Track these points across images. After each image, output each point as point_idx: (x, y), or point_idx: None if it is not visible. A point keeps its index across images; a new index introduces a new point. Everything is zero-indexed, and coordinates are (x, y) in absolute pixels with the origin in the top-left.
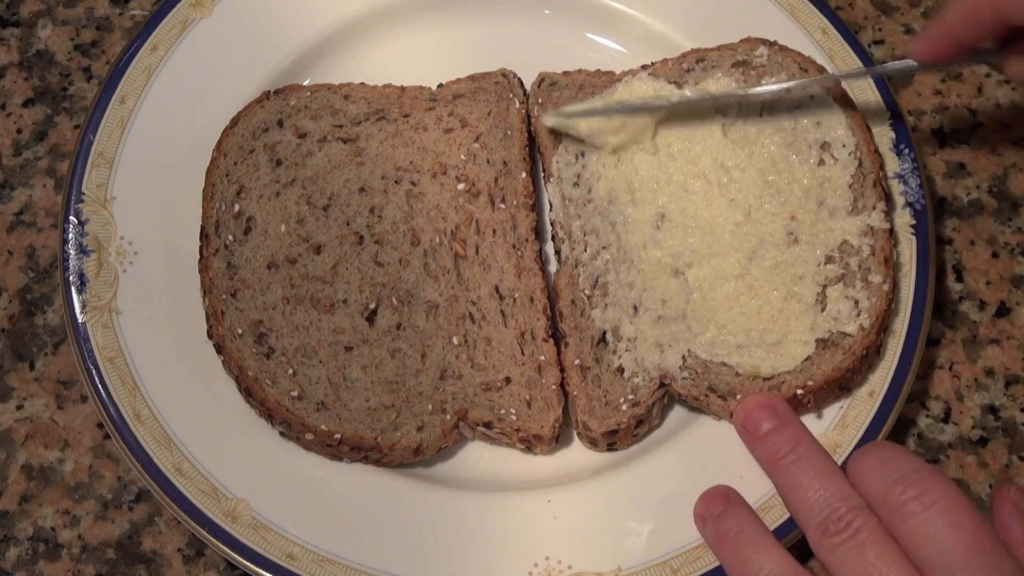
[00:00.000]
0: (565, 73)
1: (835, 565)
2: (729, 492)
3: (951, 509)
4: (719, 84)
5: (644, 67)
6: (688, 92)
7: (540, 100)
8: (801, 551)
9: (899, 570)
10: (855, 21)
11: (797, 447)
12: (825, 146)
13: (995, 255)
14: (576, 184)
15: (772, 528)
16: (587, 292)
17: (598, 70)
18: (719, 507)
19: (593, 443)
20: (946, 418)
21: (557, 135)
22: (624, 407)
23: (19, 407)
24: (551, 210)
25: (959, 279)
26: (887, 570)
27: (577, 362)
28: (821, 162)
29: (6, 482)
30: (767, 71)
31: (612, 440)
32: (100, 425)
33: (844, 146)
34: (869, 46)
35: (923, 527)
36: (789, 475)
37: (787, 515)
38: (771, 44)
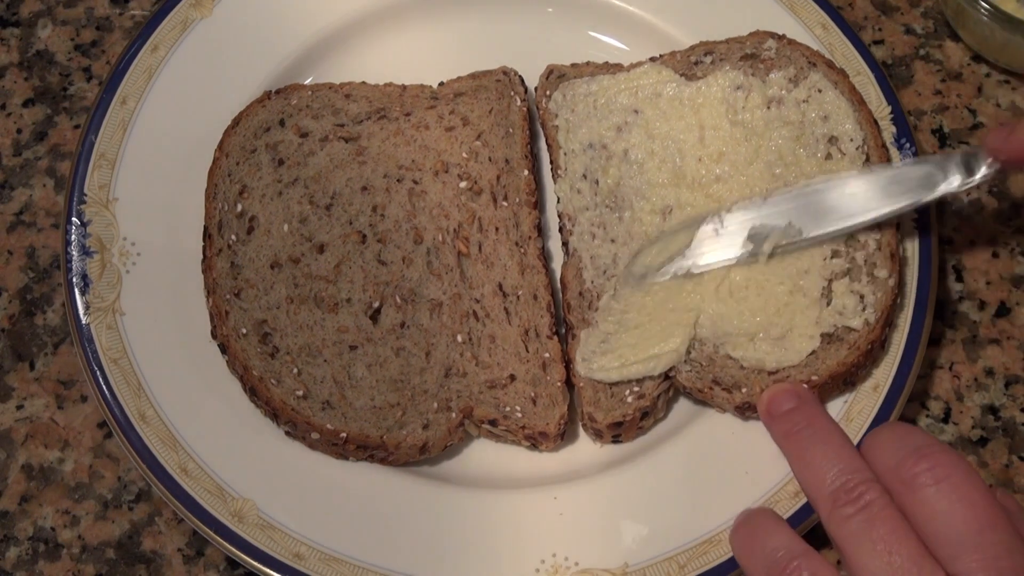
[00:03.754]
0: (573, 65)
1: (844, 539)
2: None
3: (963, 485)
4: (727, 77)
5: (652, 59)
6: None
7: (548, 92)
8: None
9: (907, 547)
10: (855, 21)
11: (813, 422)
12: (833, 140)
13: (995, 255)
14: (584, 176)
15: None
16: (595, 284)
17: (606, 62)
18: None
19: (598, 435)
20: (946, 418)
21: (565, 127)
22: (630, 399)
23: (19, 407)
24: (559, 202)
25: (959, 279)
26: (896, 547)
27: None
28: (828, 156)
29: (6, 482)
30: (775, 64)
31: (617, 432)
32: (100, 425)
33: (852, 140)
34: (869, 46)
35: (933, 501)
36: (802, 448)
37: (798, 506)
38: (779, 37)
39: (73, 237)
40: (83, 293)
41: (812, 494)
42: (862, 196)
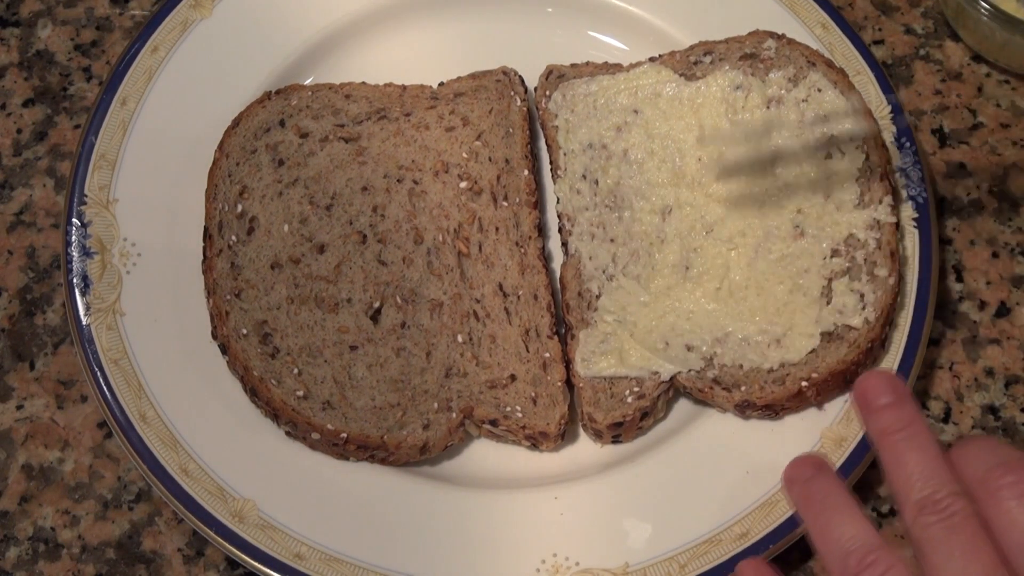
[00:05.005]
0: (573, 65)
1: (924, 542)
2: (819, 461)
3: None
4: (726, 77)
5: (652, 59)
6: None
7: (548, 92)
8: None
9: (985, 555)
10: (855, 21)
11: (910, 427)
12: (832, 140)
13: (995, 255)
14: (584, 176)
15: (774, 526)
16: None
17: (605, 63)
18: (809, 472)
19: (598, 435)
20: (946, 418)
21: (565, 128)
22: (629, 399)
23: (19, 407)
24: (558, 203)
25: (959, 279)
26: (974, 554)
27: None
28: (828, 156)
29: (6, 482)
30: (775, 64)
31: (617, 432)
32: (100, 425)
33: (851, 140)
34: (869, 46)
35: (1016, 512)
36: (897, 452)
37: (789, 513)
38: (779, 37)
39: (73, 238)
40: (83, 294)
41: (900, 496)
42: None
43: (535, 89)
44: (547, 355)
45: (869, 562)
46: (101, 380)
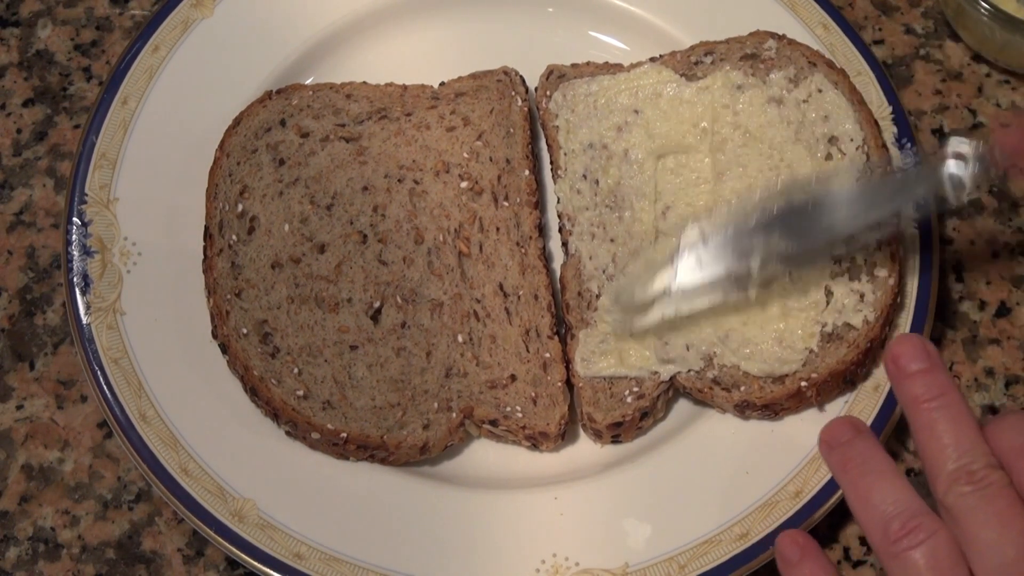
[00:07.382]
0: (574, 65)
1: (959, 511)
2: (858, 423)
3: None
4: (728, 77)
5: (652, 59)
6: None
7: (548, 92)
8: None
9: (1022, 523)
10: (855, 21)
11: (944, 395)
12: (833, 140)
13: (995, 255)
14: (584, 176)
15: (774, 527)
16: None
17: (606, 63)
18: (847, 434)
19: (598, 435)
20: None
21: (565, 128)
22: (629, 399)
23: (19, 407)
24: (559, 203)
25: (959, 279)
26: (1010, 521)
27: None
28: (829, 156)
29: (6, 482)
30: (776, 64)
31: (617, 432)
32: (100, 425)
33: (852, 140)
34: (870, 46)
35: None
36: (931, 420)
37: (798, 506)
38: (780, 37)
39: (74, 237)
40: (84, 293)
41: (933, 466)
42: (855, 206)
43: (536, 89)
44: (547, 355)
45: (912, 527)
46: (101, 379)
